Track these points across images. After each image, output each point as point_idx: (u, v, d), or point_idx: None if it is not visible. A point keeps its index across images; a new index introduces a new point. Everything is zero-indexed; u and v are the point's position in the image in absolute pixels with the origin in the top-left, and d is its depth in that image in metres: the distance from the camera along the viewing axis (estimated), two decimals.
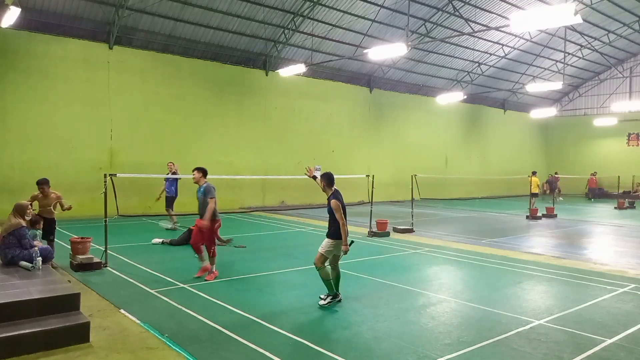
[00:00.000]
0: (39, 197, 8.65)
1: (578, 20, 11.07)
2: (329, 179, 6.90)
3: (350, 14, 20.30)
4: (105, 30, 17.18)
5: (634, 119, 31.47)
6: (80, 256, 8.67)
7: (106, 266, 8.86)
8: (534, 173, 20.56)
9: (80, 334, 5.27)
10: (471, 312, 6.68)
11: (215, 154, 19.56)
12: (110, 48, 17.28)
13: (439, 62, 26.29)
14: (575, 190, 32.59)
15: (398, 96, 26.85)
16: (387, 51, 16.26)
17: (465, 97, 26.33)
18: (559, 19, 11.09)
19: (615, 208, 24.07)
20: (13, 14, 12.17)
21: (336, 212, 6.65)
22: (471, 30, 19.08)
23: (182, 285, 7.79)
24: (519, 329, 5.96)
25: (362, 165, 24.09)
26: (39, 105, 15.95)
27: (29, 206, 7.71)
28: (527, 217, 18.52)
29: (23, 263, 6.90)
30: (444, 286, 8.14)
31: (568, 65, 29.50)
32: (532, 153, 35.72)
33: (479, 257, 10.58)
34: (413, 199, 14.72)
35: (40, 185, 8.65)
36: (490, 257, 10.61)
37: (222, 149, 20.03)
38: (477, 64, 27.38)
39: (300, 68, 18.55)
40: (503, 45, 25.96)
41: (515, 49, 26.73)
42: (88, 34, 16.98)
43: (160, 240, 11.75)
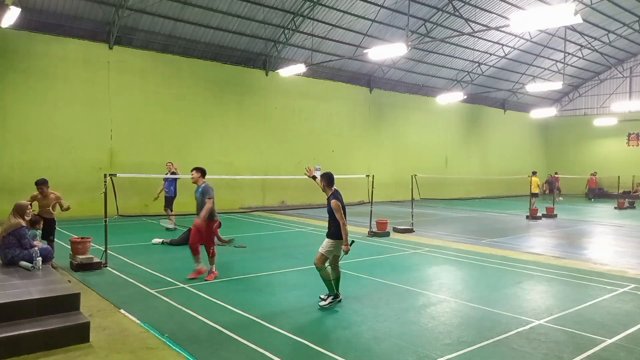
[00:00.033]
0: (38, 198, 8.64)
1: (578, 20, 11.07)
2: (328, 179, 6.90)
3: (350, 14, 20.29)
4: (105, 30, 17.18)
5: (634, 119, 31.47)
6: (80, 256, 8.67)
7: (106, 266, 8.86)
8: (534, 173, 20.57)
9: (80, 334, 5.27)
10: (471, 312, 6.68)
11: (215, 154, 19.56)
12: (110, 48, 17.28)
13: (439, 62, 26.29)
14: (575, 190, 32.58)
15: (398, 96, 26.84)
16: (387, 51, 16.26)
17: (465, 97, 26.32)
18: (559, 19, 11.10)
19: (615, 208, 24.08)
20: (13, 14, 12.17)
21: (336, 212, 6.64)
22: (471, 30, 19.07)
23: (182, 285, 7.79)
24: (519, 329, 5.96)
25: (362, 165, 24.09)
26: (39, 105, 15.95)
27: (29, 206, 7.70)
28: (527, 217, 18.52)
29: (23, 263, 6.91)
30: (444, 286, 8.14)
31: (568, 65, 29.49)
32: (532, 153, 35.71)
33: (479, 257, 10.59)
34: (413, 199, 14.72)
35: (38, 185, 8.64)
36: (490, 257, 10.61)
37: (222, 149, 20.03)
38: (477, 64, 27.38)
39: (300, 68, 18.55)
40: (503, 45, 25.96)
41: (515, 49, 26.73)
42: (88, 34, 16.98)
43: (160, 240, 11.76)
